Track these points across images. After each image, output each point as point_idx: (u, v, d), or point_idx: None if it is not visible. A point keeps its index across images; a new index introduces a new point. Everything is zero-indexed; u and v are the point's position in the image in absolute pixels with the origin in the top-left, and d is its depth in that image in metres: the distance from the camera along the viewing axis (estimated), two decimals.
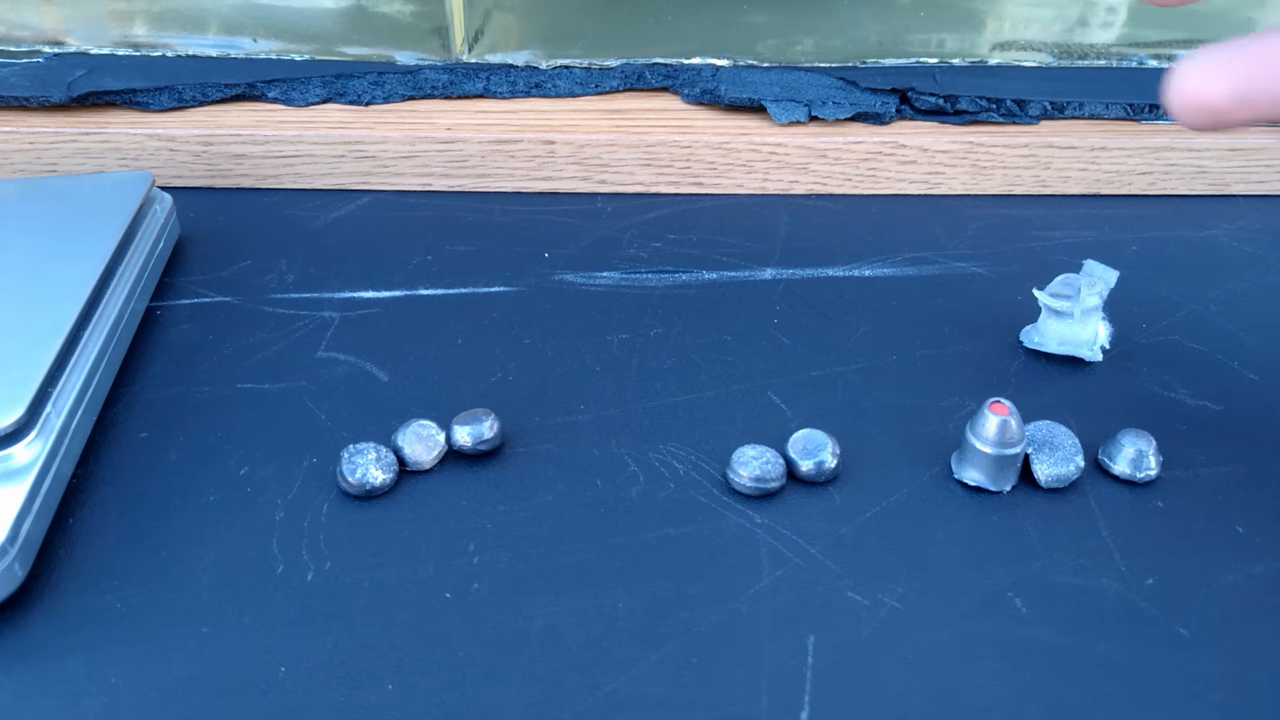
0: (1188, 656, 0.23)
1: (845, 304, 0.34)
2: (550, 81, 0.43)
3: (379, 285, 0.35)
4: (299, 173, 0.41)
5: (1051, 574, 0.25)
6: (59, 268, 0.31)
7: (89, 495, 0.27)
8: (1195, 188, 0.41)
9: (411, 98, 0.43)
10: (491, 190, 0.41)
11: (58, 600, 0.24)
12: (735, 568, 0.25)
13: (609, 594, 0.24)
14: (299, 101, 0.42)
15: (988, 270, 0.36)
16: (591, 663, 0.23)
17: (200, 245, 0.37)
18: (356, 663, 0.23)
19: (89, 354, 0.29)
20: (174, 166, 0.40)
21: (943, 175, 0.41)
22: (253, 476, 0.27)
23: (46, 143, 0.40)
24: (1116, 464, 0.27)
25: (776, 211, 0.40)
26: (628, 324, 0.33)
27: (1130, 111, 0.42)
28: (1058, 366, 0.32)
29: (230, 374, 0.31)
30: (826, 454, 0.27)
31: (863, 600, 0.24)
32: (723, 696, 0.22)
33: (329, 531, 0.26)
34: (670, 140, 0.40)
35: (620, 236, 0.38)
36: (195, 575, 0.25)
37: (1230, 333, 0.33)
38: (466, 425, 0.27)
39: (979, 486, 0.27)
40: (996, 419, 0.26)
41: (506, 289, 0.35)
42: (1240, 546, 0.26)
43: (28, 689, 0.22)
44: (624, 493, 0.27)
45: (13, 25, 0.43)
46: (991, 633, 0.23)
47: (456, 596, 0.24)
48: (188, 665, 0.23)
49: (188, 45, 0.44)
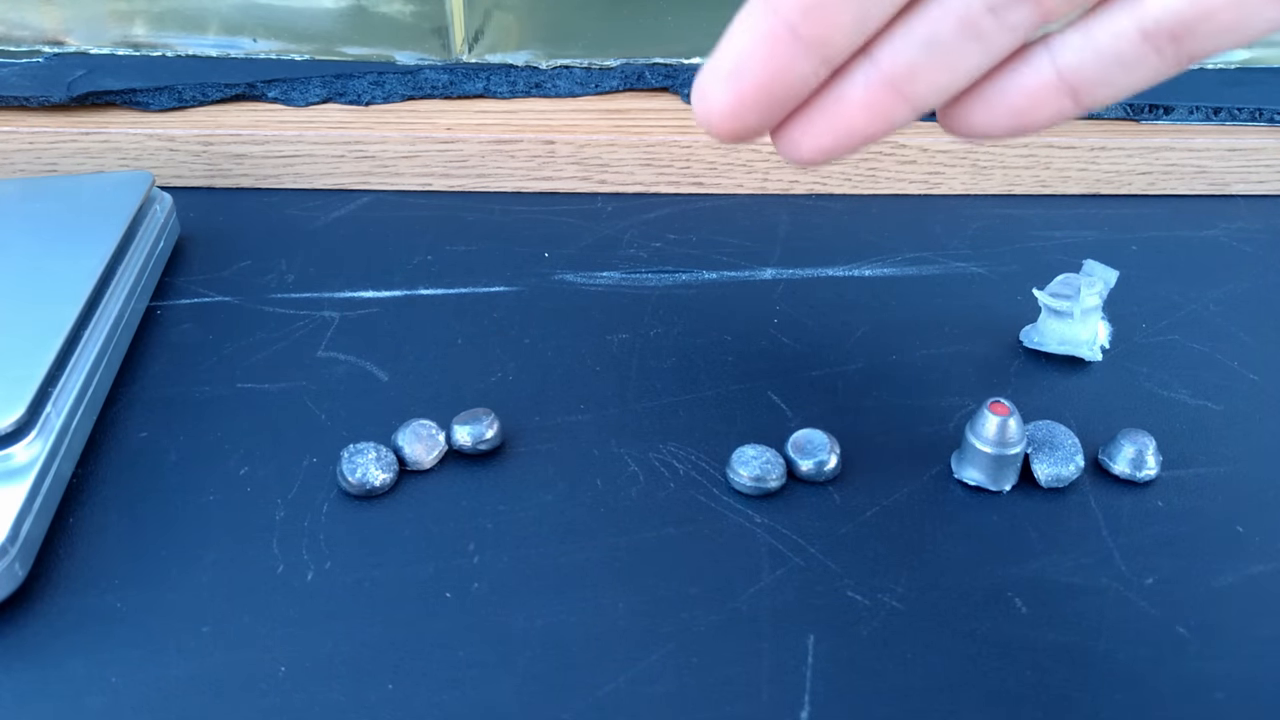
0: (1188, 656, 0.23)
1: (845, 304, 0.34)
2: (550, 81, 0.43)
3: (379, 285, 0.35)
4: (299, 173, 0.41)
5: (1051, 574, 0.25)
6: (59, 268, 0.31)
7: (89, 495, 0.27)
8: (1195, 188, 0.41)
9: (411, 98, 0.43)
10: (491, 190, 0.41)
11: (58, 600, 0.24)
12: (735, 567, 0.25)
13: (609, 594, 0.24)
14: (299, 101, 0.42)
15: (987, 270, 0.36)
16: (591, 663, 0.23)
17: (200, 245, 0.37)
18: (356, 663, 0.23)
19: (89, 354, 0.29)
20: (174, 166, 0.40)
21: (942, 175, 0.41)
22: (253, 476, 0.27)
23: (46, 143, 0.40)
24: (1116, 464, 0.27)
25: (776, 211, 0.40)
26: (628, 324, 0.33)
27: (1130, 111, 0.42)
28: (1058, 366, 0.32)
29: (230, 374, 0.31)
30: (826, 454, 0.27)
31: (863, 600, 0.24)
32: (723, 696, 0.22)
33: (329, 531, 0.26)
34: (670, 140, 0.40)
35: (620, 236, 0.38)
36: (195, 575, 0.25)
37: (1230, 333, 0.33)
38: (466, 425, 0.27)
39: (979, 486, 0.27)
40: (996, 419, 0.26)
41: (506, 289, 0.35)
42: (1240, 546, 0.26)
43: (28, 689, 0.22)
44: (624, 493, 0.27)
45: (13, 25, 0.43)
46: (991, 633, 0.23)
47: (456, 596, 0.24)
48: (188, 665, 0.23)
49: (188, 45, 0.44)
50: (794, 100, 0.20)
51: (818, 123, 0.21)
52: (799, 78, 0.20)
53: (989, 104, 0.21)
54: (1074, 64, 0.20)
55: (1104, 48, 0.20)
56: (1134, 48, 0.20)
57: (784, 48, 0.19)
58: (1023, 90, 0.21)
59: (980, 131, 0.21)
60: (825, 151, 0.21)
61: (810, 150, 0.21)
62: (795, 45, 0.19)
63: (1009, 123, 0.21)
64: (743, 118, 0.20)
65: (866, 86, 0.20)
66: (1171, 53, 0.20)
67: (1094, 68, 0.20)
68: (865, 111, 0.20)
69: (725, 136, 0.21)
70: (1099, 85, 0.20)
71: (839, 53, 0.20)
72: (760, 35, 0.19)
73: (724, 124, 0.20)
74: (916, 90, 0.20)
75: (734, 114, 0.20)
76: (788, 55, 0.19)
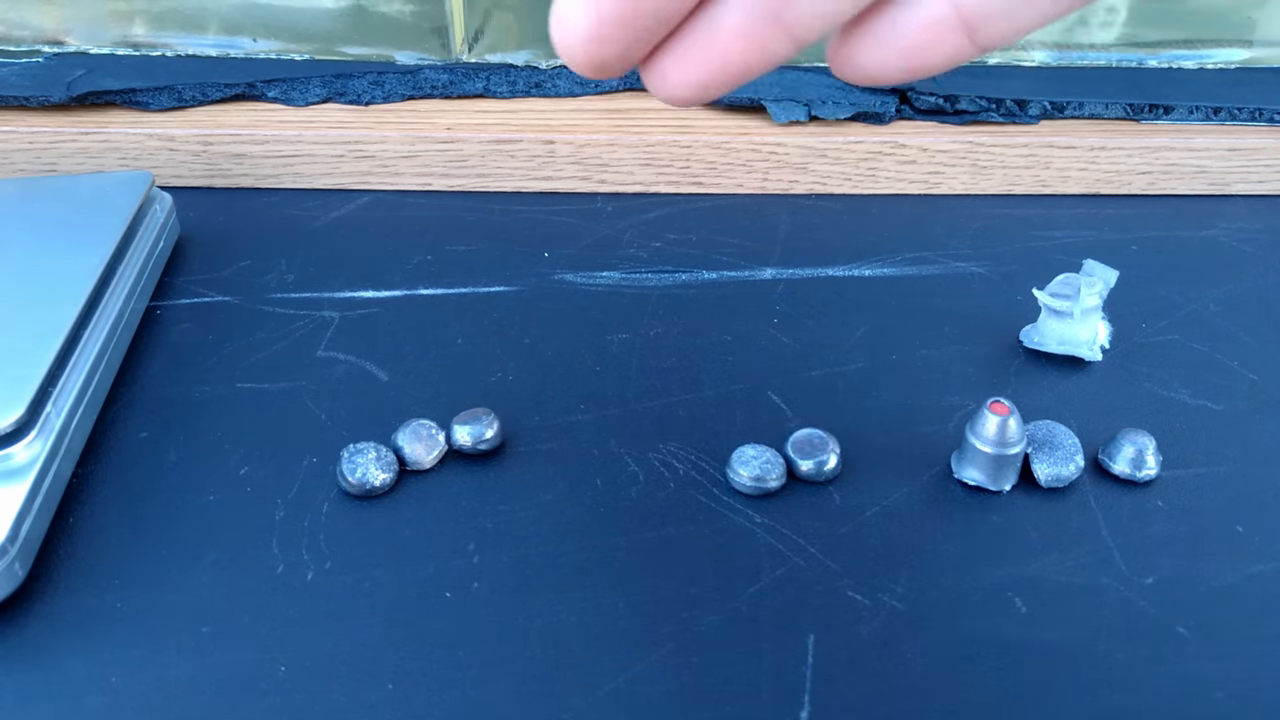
0: (1188, 656, 0.23)
1: (845, 304, 0.34)
2: (550, 81, 0.43)
3: (379, 285, 0.35)
4: (299, 172, 0.41)
5: (1051, 574, 0.25)
6: (59, 267, 0.31)
7: (89, 495, 0.27)
8: (1195, 188, 0.41)
9: (411, 97, 0.43)
10: (491, 190, 0.41)
11: (58, 600, 0.24)
12: (735, 567, 0.25)
13: (609, 594, 0.24)
14: (299, 101, 0.42)
15: (987, 270, 0.36)
16: (591, 663, 0.23)
17: (200, 245, 0.37)
18: (356, 663, 0.23)
19: (89, 354, 0.29)
20: (174, 166, 0.40)
21: (943, 175, 0.41)
22: (253, 476, 0.27)
23: (46, 143, 0.40)
24: (1116, 464, 0.27)
25: (776, 211, 0.40)
26: (628, 324, 0.33)
27: (1130, 111, 0.42)
28: (1057, 366, 0.32)
29: (230, 374, 0.31)
30: (826, 454, 0.27)
31: (863, 600, 0.24)
32: (723, 696, 0.22)
33: (329, 531, 0.26)
34: (670, 140, 0.40)
35: (620, 236, 0.38)
36: (195, 575, 0.25)
37: (1230, 333, 0.33)
38: (466, 425, 0.27)
39: (979, 486, 0.27)
40: (996, 419, 0.26)
41: (506, 289, 0.35)
42: (1240, 546, 0.26)
43: (28, 689, 0.22)
44: (624, 493, 0.27)
45: (13, 25, 0.43)
46: (991, 633, 0.23)
47: (456, 596, 0.24)
48: (188, 665, 0.23)
49: (187, 45, 0.44)
50: (662, 24, 0.18)
51: (691, 52, 0.19)
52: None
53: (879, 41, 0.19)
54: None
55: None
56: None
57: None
58: (916, 26, 0.19)
59: (871, 73, 0.19)
60: (697, 87, 0.19)
61: (680, 85, 0.19)
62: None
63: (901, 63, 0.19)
64: (605, 44, 0.18)
65: (743, 11, 0.18)
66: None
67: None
68: (740, 41, 0.18)
69: (587, 67, 0.19)
70: (998, 19, 0.19)
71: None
72: None
73: (585, 51, 0.18)
74: (798, 18, 0.18)
75: (596, 39, 0.18)
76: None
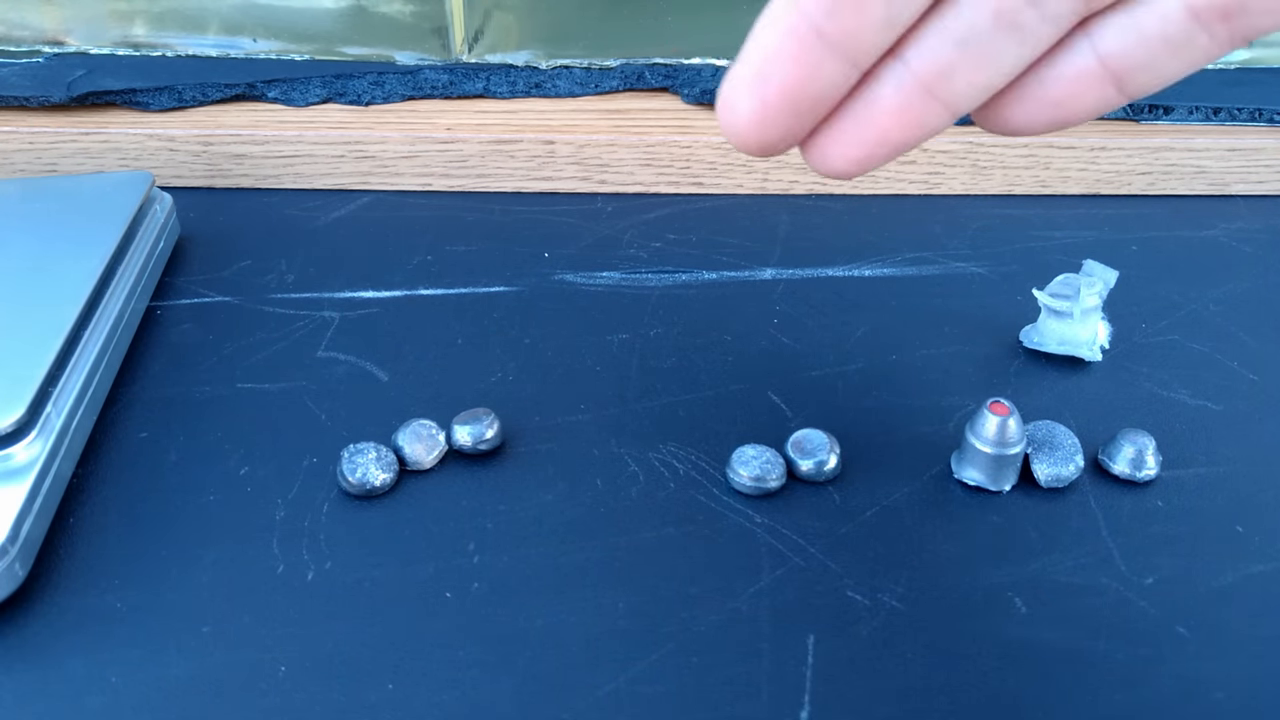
0: (1188, 656, 0.23)
1: (845, 304, 0.34)
2: (550, 81, 0.43)
3: (379, 285, 0.35)
4: (299, 173, 0.41)
5: (1051, 574, 0.25)
6: (59, 268, 0.31)
7: (89, 495, 0.27)
8: (1195, 188, 0.41)
9: (411, 98, 0.43)
10: (491, 190, 0.41)
11: (58, 600, 0.24)
12: (735, 567, 0.25)
13: (609, 594, 0.24)
14: (299, 101, 0.42)
15: (987, 270, 0.36)
16: (591, 663, 0.23)
17: (200, 245, 0.37)
18: (356, 663, 0.23)
19: (89, 354, 0.29)
20: (174, 166, 0.40)
21: (942, 175, 0.41)
22: (253, 476, 0.27)
23: (46, 143, 0.40)
24: (1116, 464, 0.27)
25: (776, 211, 0.40)
26: (628, 324, 0.33)
27: (1130, 111, 0.42)
28: (1057, 366, 0.32)
29: (230, 374, 0.31)
30: (826, 454, 0.27)
31: (863, 600, 0.24)
32: (723, 696, 0.22)
33: (329, 531, 0.26)
34: (670, 140, 0.40)
35: (620, 236, 0.38)
36: (195, 575, 0.25)
37: (1230, 333, 0.33)
38: (466, 425, 0.27)
39: (979, 486, 0.27)
40: (996, 419, 0.26)
41: (506, 289, 0.35)
42: (1240, 546, 0.26)
43: (28, 689, 0.22)
44: (624, 493, 0.27)
45: (13, 25, 0.43)
46: (991, 633, 0.23)
47: (456, 596, 0.24)
48: (188, 665, 0.23)
49: (188, 45, 0.44)
50: (822, 107, 0.19)
51: (848, 131, 0.20)
52: (826, 81, 0.19)
53: (1027, 98, 0.19)
54: (1117, 49, 0.19)
55: (1149, 30, 0.19)
56: (1182, 28, 0.18)
57: (809, 48, 0.18)
58: (1062, 80, 0.19)
59: (1019, 128, 0.20)
60: (857, 162, 0.20)
61: (840, 161, 0.20)
62: (821, 45, 0.18)
63: (1049, 115, 0.20)
64: (770, 127, 0.19)
65: (898, 90, 0.19)
66: (1223, 32, 0.18)
67: (1139, 52, 0.19)
68: (897, 117, 0.19)
69: (753, 148, 0.19)
70: (1144, 71, 0.19)
71: (867, 53, 0.19)
72: (783, 34, 0.18)
73: (751, 134, 0.19)
74: (952, 92, 0.19)
75: (761, 123, 0.19)
76: (814, 56, 0.18)
